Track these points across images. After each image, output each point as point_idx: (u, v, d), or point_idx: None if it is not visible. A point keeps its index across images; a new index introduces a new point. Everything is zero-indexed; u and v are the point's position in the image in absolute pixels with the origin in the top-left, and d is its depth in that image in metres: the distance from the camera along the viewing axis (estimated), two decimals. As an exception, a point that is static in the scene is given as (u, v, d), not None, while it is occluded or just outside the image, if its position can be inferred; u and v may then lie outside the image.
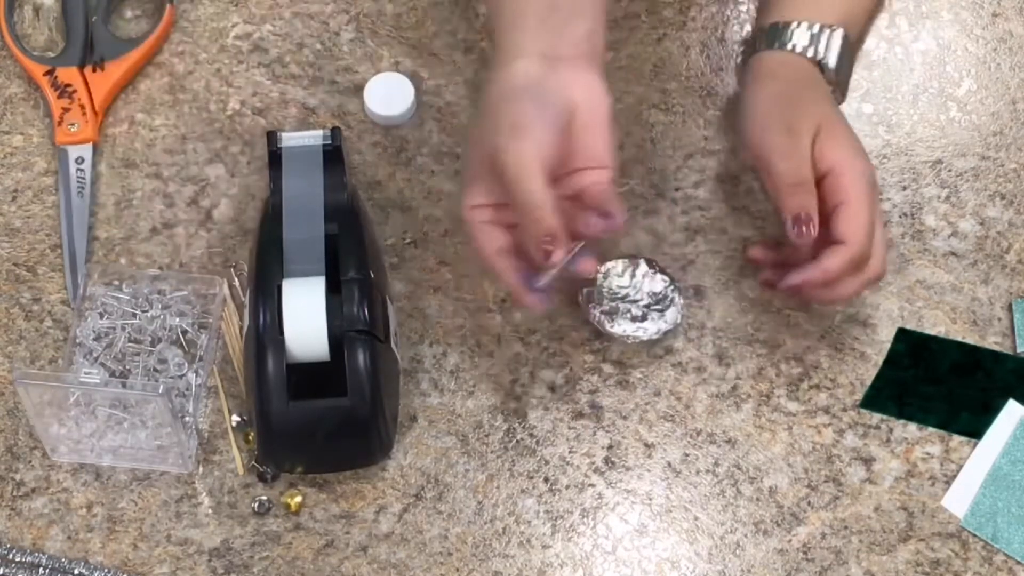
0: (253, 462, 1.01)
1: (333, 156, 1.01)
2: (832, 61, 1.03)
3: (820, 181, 0.99)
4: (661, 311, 1.05)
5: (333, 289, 0.96)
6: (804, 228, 0.97)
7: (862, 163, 0.99)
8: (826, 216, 0.97)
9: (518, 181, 0.91)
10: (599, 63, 0.97)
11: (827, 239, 0.98)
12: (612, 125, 0.95)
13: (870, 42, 1.15)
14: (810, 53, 1.03)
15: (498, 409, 1.04)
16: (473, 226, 0.95)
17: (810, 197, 0.98)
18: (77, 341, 1.04)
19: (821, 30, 1.02)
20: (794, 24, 1.03)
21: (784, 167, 0.99)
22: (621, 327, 1.04)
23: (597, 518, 1.01)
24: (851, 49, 1.05)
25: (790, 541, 1.00)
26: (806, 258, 0.99)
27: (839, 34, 1.03)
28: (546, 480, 1.02)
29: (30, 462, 1.02)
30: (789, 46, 1.03)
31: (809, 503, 1.01)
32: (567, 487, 1.01)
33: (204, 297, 1.06)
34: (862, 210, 0.97)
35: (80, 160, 1.10)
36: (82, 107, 1.12)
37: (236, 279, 1.07)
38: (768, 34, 1.04)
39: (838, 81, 1.04)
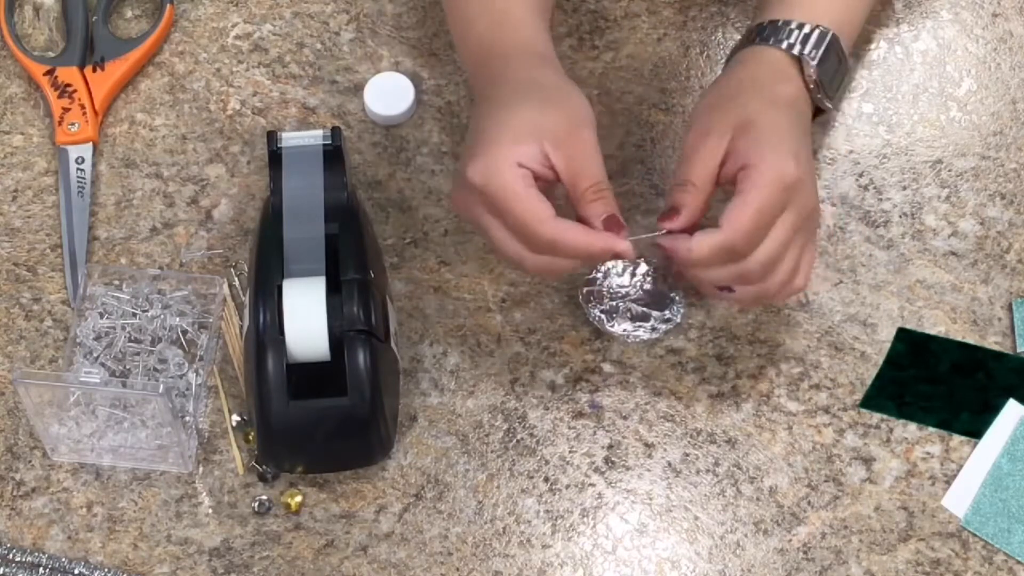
0: (253, 462, 1.01)
1: (333, 156, 1.01)
2: (815, 59, 0.99)
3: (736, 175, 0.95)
4: (661, 311, 1.05)
5: (333, 289, 0.96)
6: (667, 221, 0.95)
7: (779, 162, 0.93)
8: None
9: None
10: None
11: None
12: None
13: (871, 42, 1.15)
14: (795, 50, 0.99)
15: (498, 409, 1.04)
16: (517, 192, 0.92)
17: (688, 197, 0.95)
18: (77, 341, 1.04)
19: (812, 30, 1.00)
20: (779, 22, 1.01)
21: (678, 167, 0.97)
22: (621, 327, 1.04)
23: (597, 518, 1.01)
24: (838, 53, 1.01)
25: (790, 541, 1.00)
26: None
27: (828, 35, 1.00)
28: (546, 480, 1.02)
29: (30, 462, 1.02)
30: (771, 41, 1.00)
31: (809, 503, 1.01)
32: (567, 487, 1.01)
33: (204, 297, 1.06)
34: (750, 202, 0.92)
35: (80, 160, 1.10)
36: (82, 107, 1.12)
37: (236, 279, 1.07)
38: (757, 31, 1.02)
39: (820, 81, 1.00)
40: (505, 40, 1.00)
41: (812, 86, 1.00)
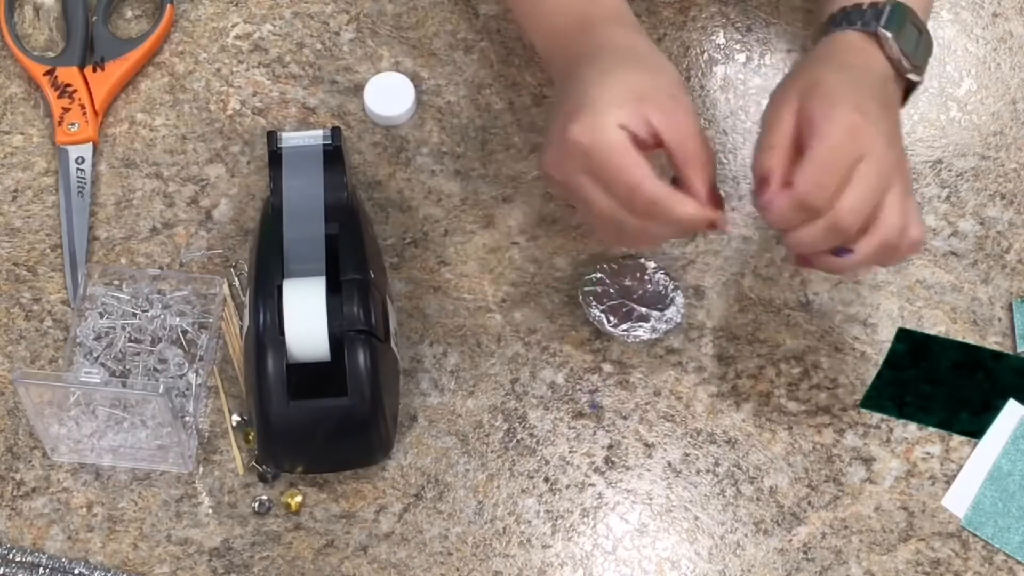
0: (253, 462, 1.01)
1: (333, 156, 1.01)
2: (891, 31, 0.96)
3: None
4: (661, 311, 1.05)
5: (333, 289, 0.96)
6: (760, 189, 0.92)
7: (840, 114, 0.91)
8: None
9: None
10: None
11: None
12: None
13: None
14: (871, 27, 0.96)
15: (498, 409, 1.04)
16: (624, 151, 0.91)
17: (773, 160, 0.92)
18: (77, 341, 1.04)
19: (883, 6, 0.97)
20: (851, 7, 0.98)
21: (760, 136, 0.94)
22: (621, 327, 1.04)
23: (597, 518, 1.01)
24: (916, 24, 0.98)
25: (790, 541, 1.00)
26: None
27: (900, 7, 0.97)
28: (546, 480, 1.02)
29: (30, 462, 1.02)
30: (843, 26, 0.98)
31: (809, 503, 1.01)
32: (567, 487, 1.01)
33: (204, 297, 1.06)
34: (814, 153, 0.90)
35: (80, 160, 1.10)
36: (82, 107, 1.12)
37: (236, 279, 1.07)
38: (830, 21, 0.99)
39: (904, 52, 0.97)
40: (597, 10, 1.00)
41: (894, 59, 0.97)
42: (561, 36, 1.01)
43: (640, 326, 1.04)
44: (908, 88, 1.00)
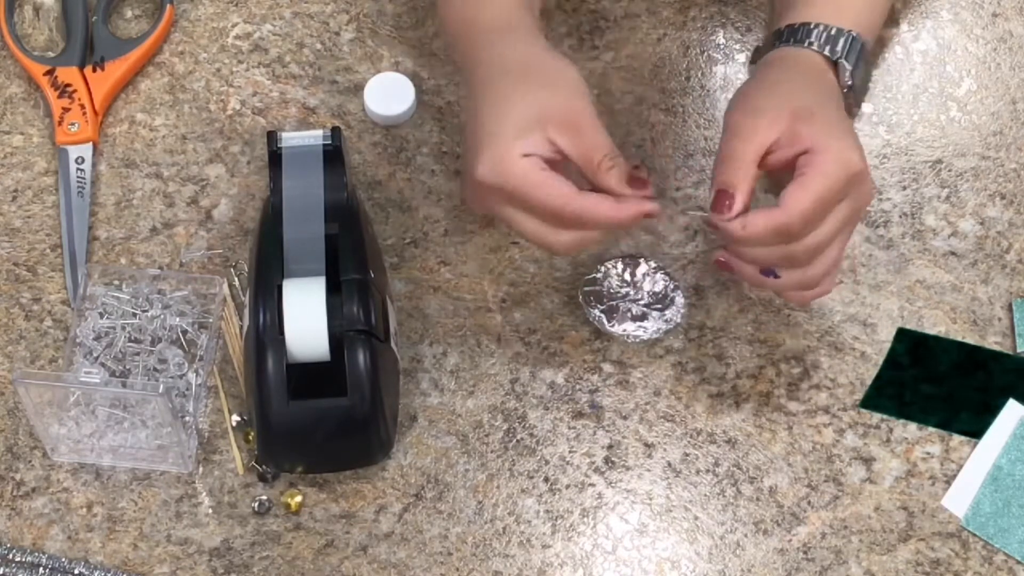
0: (253, 462, 1.01)
1: (333, 156, 1.01)
2: (849, 63, 0.99)
3: (795, 160, 0.94)
4: (661, 311, 1.05)
5: (333, 289, 0.96)
6: (720, 203, 0.93)
7: (845, 151, 0.93)
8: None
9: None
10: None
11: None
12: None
13: (870, 42, 1.15)
14: (827, 51, 0.99)
15: (498, 409, 1.04)
16: (533, 180, 0.92)
17: (739, 174, 0.93)
18: (77, 341, 1.04)
19: (839, 32, 1.00)
20: (811, 24, 1.00)
21: (724, 144, 0.95)
22: (621, 326, 1.04)
23: (597, 518, 1.01)
24: (866, 56, 1.02)
25: (790, 541, 1.00)
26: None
27: (856, 37, 1.00)
28: (546, 480, 1.02)
29: (30, 462, 1.02)
30: (805, 43, 1.00)
31: (809, 503, 1.01)
32: (567, 487, 1.01)
33: (204, 297, 1.06)
34: (813, 186, 0.91)
35: (80, 160, 1.10)
36: (82, 107, 1.12)
37: (236, 279, 1.07)
38: (784, 34, 1.01)
39: (853, 85, 1.00)
40: (486, 14, 0.99)
41: (845, 90, 1.00)
42: (457, 52, 1.01)
43: (640, 326, 1.04)
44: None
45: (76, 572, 0.98)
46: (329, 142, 1.01)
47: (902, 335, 1.06)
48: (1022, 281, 1.08)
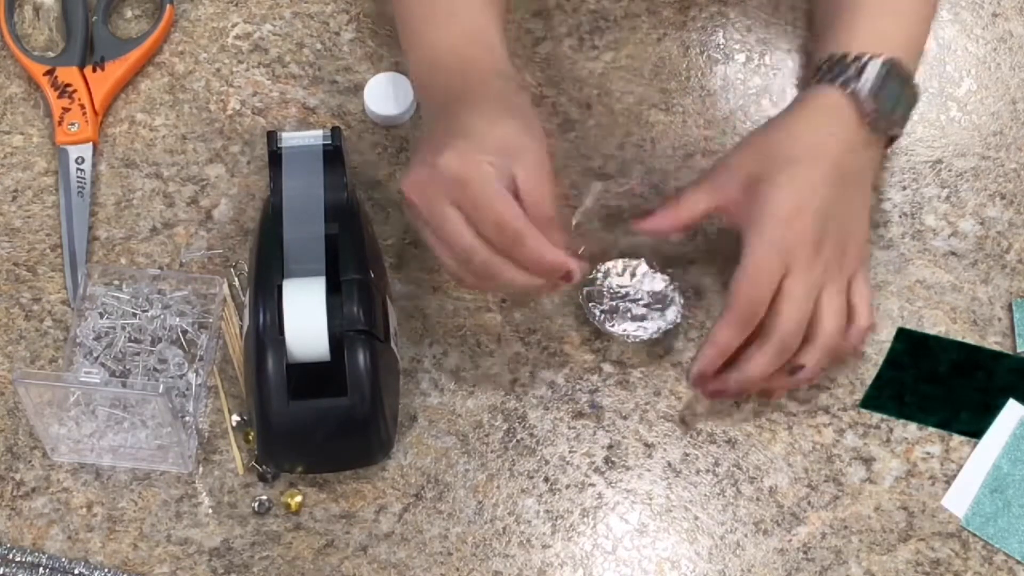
0: (253, 462, 1.01)
1: (333, 156, 1.01)
2: (868, 88, 0.98)
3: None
4: (661, 310, 1.05)
5: (333, 289, 0.96)
6: (638, 221, 1.01)
7: (772, 230, 0.96)
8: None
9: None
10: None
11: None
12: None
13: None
14: (851, 86, 0.99)
15: (498, 409, 1.04)
16: (494, 183, 0.93)
17: (668, 215, 1.01)
18: (77, 341, 1.04)
19: (867, 60, 0.99)
20: (838, 56, 1.00)
21: (696, 182, 1.01)
22: (621, 326, 1.04)
23: (597, 518, 1.01)
24: (901, 77, 1.00)
25: (790, 541, 1.00)
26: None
27: (885, 62, 0.99)
28: (546, 480, 1.02)
29: (30, 462, 1.02)
30: (827, 79, 1.00)
31: (809, 503, 1.01)
32: (567, 487, 1.01)
33: (204, 297, 1.06)
34: (745, 270, 0.96)
35: (80, 160, 1.10)
36: (82, 107, 1.12)
37: (236, 279, 1.07)
38: (817, 69, 1.01)
39: (879, 111, 0.99)
40: (481, 57, 1.00)
41: (869, 119, 0.99)
42: (442, 74, 1.01)
43: (640, 326, 1.04)
44: (892, 137, 1.03)
45: (76, 572, 0.98)
46: (329, 142, 1.01)
47: (902, 335, 1.06)
48: (1022, 281, 1.08)
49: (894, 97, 1.00)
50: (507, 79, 1.00)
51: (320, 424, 0.96)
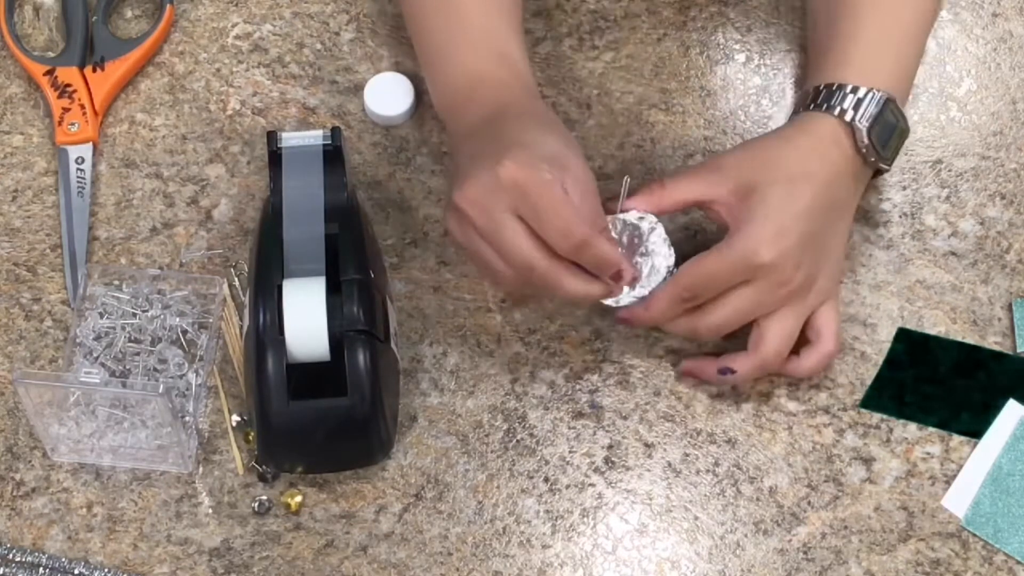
0: (253, 462, 1.01)
1: (333, 156, 1.01)
2: (865, 123, 0.99)
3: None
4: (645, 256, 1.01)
5: (333, 289, 0.96)
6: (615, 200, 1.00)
7: (755, 237, 0.97)
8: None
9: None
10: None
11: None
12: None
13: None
14: (848, 117, 0.99)
15: (498, 409, 1.04)
16: (558, 188, 0.93)
17: (651, 197, 1.00)
18: (77, 341, 1.04)
19: (866, 94, 1.00)
20: (836, 87, 1.01)
21: (685, 170, 1.02)
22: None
23: (597, 518, 1.01)
24: (895, 114, 1.01)
25: (790, 541, 1.00)
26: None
27: (882, 98, 1.00)
28: (546, 480, 1.02)
29: (30, 462, 1.02)
30: (824, 107, 1.00)
31: (809, 503, 1.01)
32: (567, 487, 1.01)
33: (204, 297, 1.06)
34: (706, 262, 0.98)
35: (80, 160, 1.10)
36: (82, 107, 1.12)
37: (236, 279, 1.07)
38: (812, 96, 1.02)
39: (873, 145, 1.00)
40: (514, 81, 1.02)
41: (864, 151, 1.00)
42: (476, 96, 1.02)
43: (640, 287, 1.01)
44: (878, 170, 1.04)
45: (76, 572, 0.98)
46: (329, 142, 1.01)
47: (902, 335, 1.06)
48: (1022, 281, 1.08)
49: (888, 131, 1.02)
50: (539, 100, 1.02)
51: (320, 424, 0.96)
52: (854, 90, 1.00)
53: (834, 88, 1.01)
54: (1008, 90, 1.15)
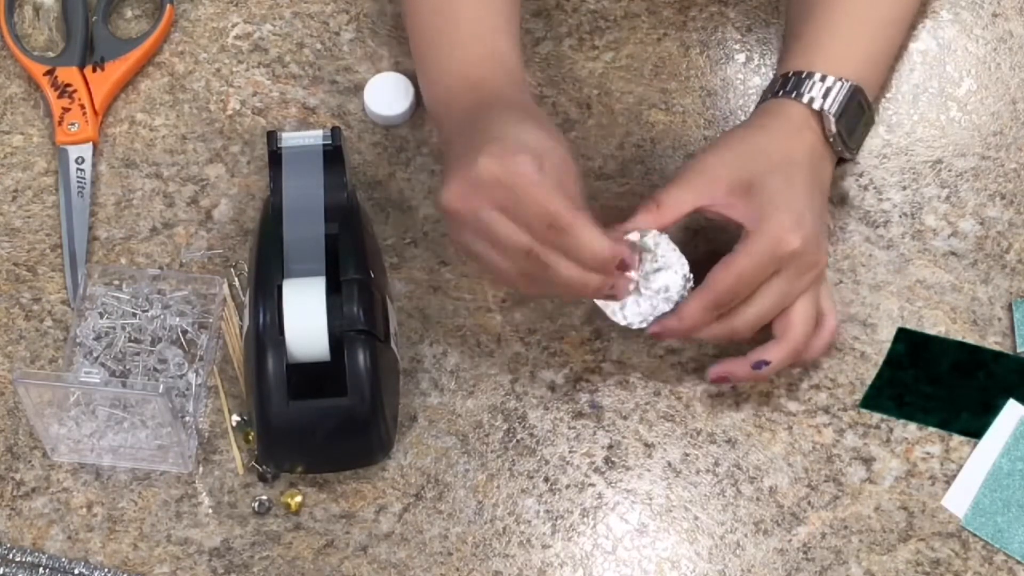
0: (253, 462, 1.01)
1: (333, 156, 1.01)
2: (835, 113, 1.00)
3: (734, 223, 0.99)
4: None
5: (333, 289, 0.96)
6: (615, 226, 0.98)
7: (776, 227, 0.96)
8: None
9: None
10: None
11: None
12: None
13: (870, 42, 1.15)
14: (816, 104, 1.00)
15: (498, 409, 1.04)
16: (541, 177, 0.92)
17: (649, 217, 0.99)
18: (77, 341, 1.04)
19: (834, 82, 1.00)
20: (804, 74, 1.01)
21: (669, 185, 1.00)
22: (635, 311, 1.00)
23: (597, 518, 1.01)
24: (862, 103, 1.02)
25: (790, 541, 1.00)
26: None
27: (850, 86, 1.01)
28: (546, 480, 1.02)
29: (30, 462, 1.02)
30: (793, 94, 1.01)
31: (809, 503, 1.01)
32: (567, 487, 1.01)
33: (204, 297, 1.06)
34: (735, 265, 0.96)
35: (80, 160, 1.10)
36: (82, 107, 1.12)
37: (236, 279, 1.07)
38: (781, 82, 1.03)
39: (840, 134, 1.01)
40: (504, 80, 1.01)
41: (831, 139, 1.01)
42: (466, 95, 1.01)
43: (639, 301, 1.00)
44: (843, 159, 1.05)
45: (76, 572, 0.98)
46: (329, 142, 1.01)
47: (902, 335, 1.06)
48: (1022, 281, 1.08)
49: (855, 121, 1.02)
50: (527, 94, 1.01)
51: (320, 424, 0.96)
52: (823, 78, 1.01)
53: (803, 76, 1.01)
54: (1008, 90, 1.15)
